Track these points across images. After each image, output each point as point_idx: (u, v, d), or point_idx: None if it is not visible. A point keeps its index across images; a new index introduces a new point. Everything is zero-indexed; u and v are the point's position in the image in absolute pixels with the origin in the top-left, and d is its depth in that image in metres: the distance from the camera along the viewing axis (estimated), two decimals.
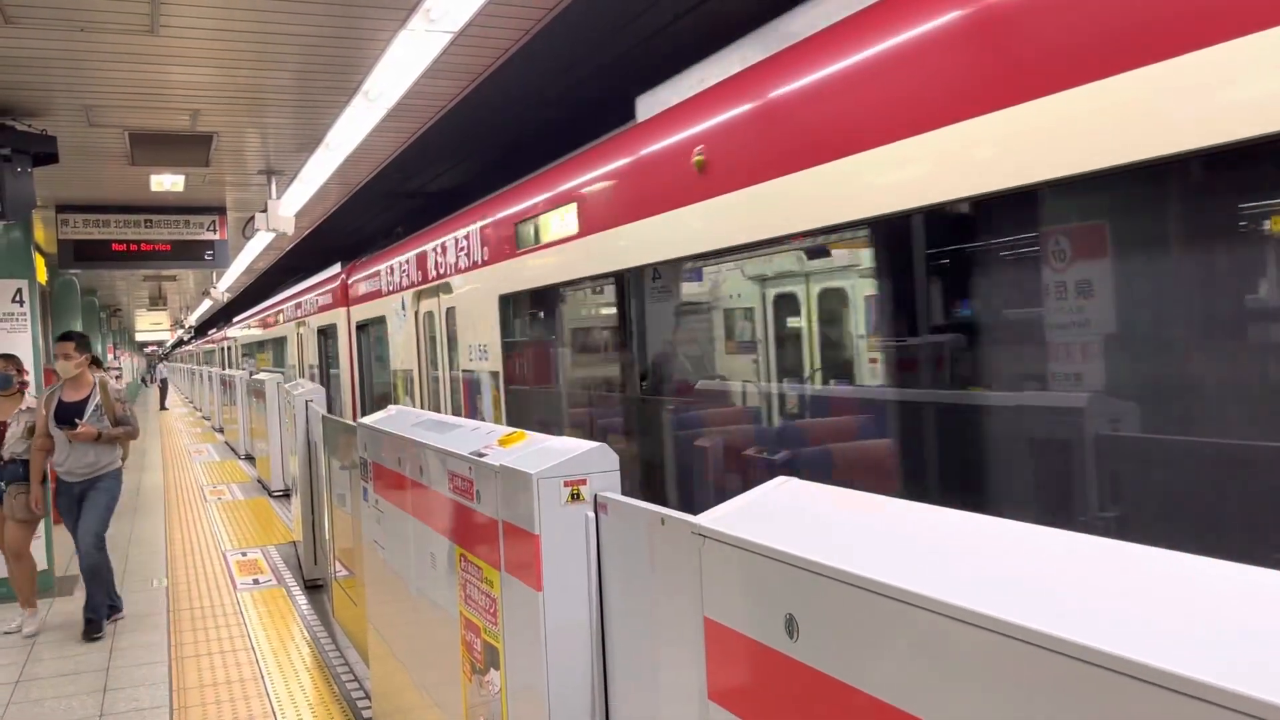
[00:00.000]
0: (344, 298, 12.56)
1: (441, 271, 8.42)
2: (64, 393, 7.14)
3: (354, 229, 15.04)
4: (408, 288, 9.50)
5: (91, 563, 6.88)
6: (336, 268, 13.34)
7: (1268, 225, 2.21)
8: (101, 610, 6.93)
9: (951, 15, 2.91)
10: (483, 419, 6.93)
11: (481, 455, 2.98)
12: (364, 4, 4.98)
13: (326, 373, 13.98)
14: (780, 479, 2.04)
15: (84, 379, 7.22)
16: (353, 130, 7.41)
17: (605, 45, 7.40)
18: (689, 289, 5.11)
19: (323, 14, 5.10)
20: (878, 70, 3.22)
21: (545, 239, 6.19)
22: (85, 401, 7.09)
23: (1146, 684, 1.00)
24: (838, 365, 4.25)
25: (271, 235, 10.85)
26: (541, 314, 6.77)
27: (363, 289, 11.61)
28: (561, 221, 5.94)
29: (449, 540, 3.35)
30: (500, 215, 7.07)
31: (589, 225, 5.54)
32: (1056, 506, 2.73)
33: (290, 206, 10.08)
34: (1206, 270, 2.38)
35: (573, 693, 2.52)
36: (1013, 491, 2.84)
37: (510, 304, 6.97)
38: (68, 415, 6.95)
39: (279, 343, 18.70)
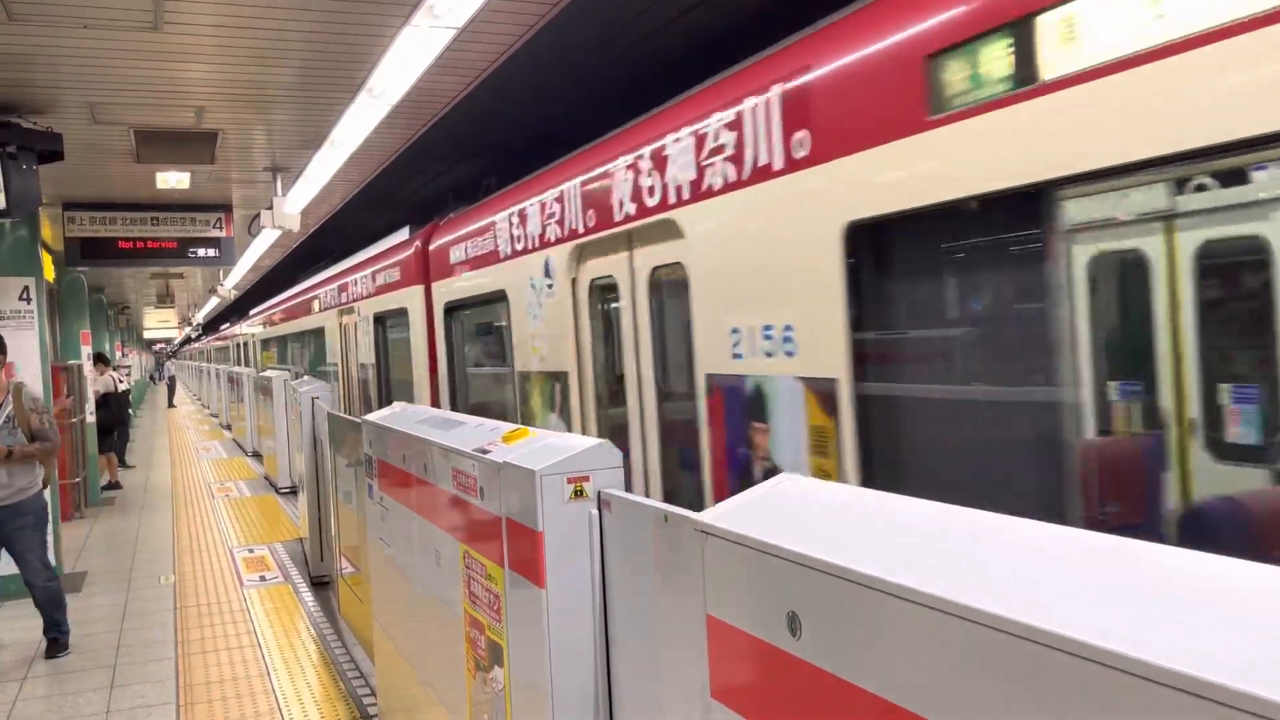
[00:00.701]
0: (421, 270, 8.68)
1: (649, 202, 4.53)
2: None
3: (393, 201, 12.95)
4: (560, 241, 5.68)
5: (48, 594, 6.40)
6: (403, 233, 10.31)
7: None
8: (65, 626, 6.50)
9: None
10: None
11: (485, 452, 2.98)
12: (368, 0, 4.97)
13: (385, 377, 10.42)
14: (783, 475, 2.03)
15: None
16: (357, 127, 7.40)
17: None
18: None
19: (327, 10, 5.09)
20: None
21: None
22: None
23: (1150, 682, 0.98)
24: None
25: (277, 233, 10.87)
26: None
27: (458, 255, 7.73)
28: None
29: (453, 537, 3.35)
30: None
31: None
32: None
33: (296, 204, 10.08)
34: None
35: (576, 690, 2.51)
36: None
37: (879, 241, 3.30)
38: None
39: (312, 337, 15.06)
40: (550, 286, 5.92)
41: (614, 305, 5.31)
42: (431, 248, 8.54)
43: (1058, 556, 1.33)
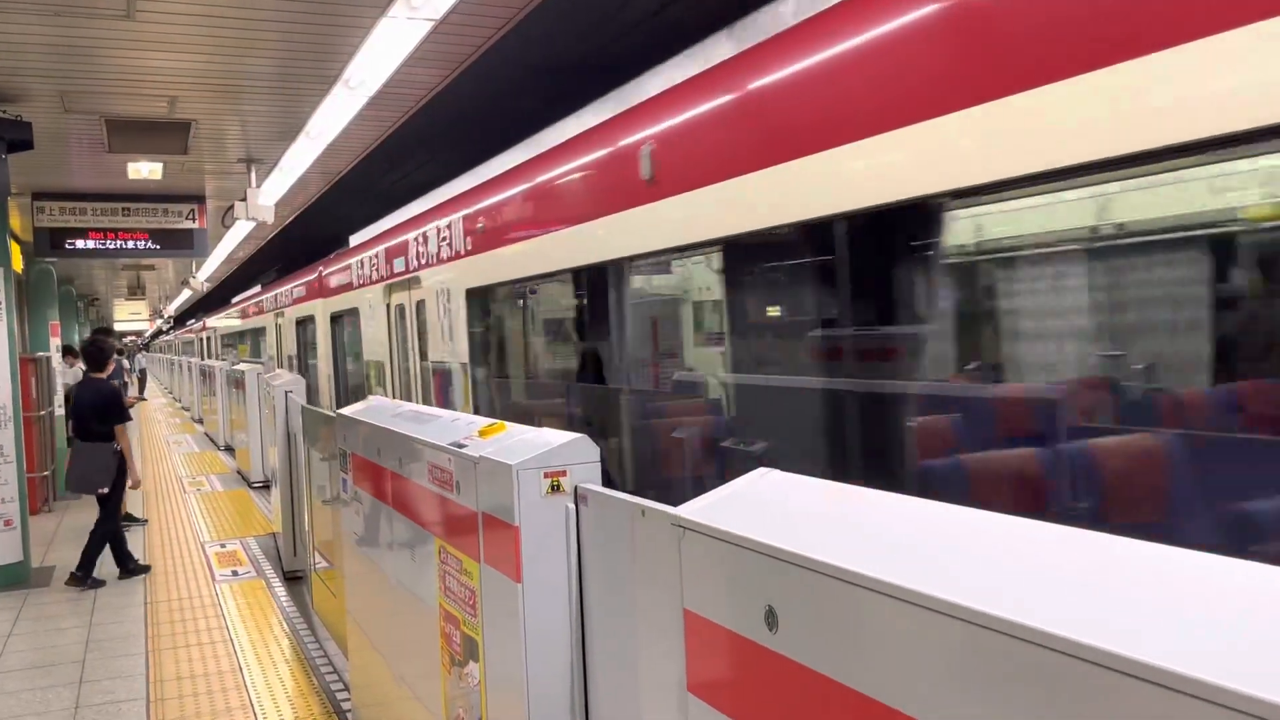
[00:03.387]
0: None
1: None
2: None
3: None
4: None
5: None
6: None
7: None
8: None
9: None
10: None
11: (461, 446, 2.96)
12: None
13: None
14: (761, 470, 2.04)
15: None
16: (334, 119, 7.35)
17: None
18: None
19: (303, 0, 5.05)
20: None
21: None
22: None
23: (1131, 678, 0.99)
24: None
25: (251, 224, 10.77)
26: None
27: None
28: None
29: (428, 532, 3.33)
30: None
31: None
32: None
33: (270, 195, 10.00)
34: None
35: (552, 684, 2.51)
36: None
37: None
38: None
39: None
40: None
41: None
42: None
43: (1034, 551, 1.34)
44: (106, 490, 8.01)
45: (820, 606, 1.49)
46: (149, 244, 11.16)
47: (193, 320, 40.25)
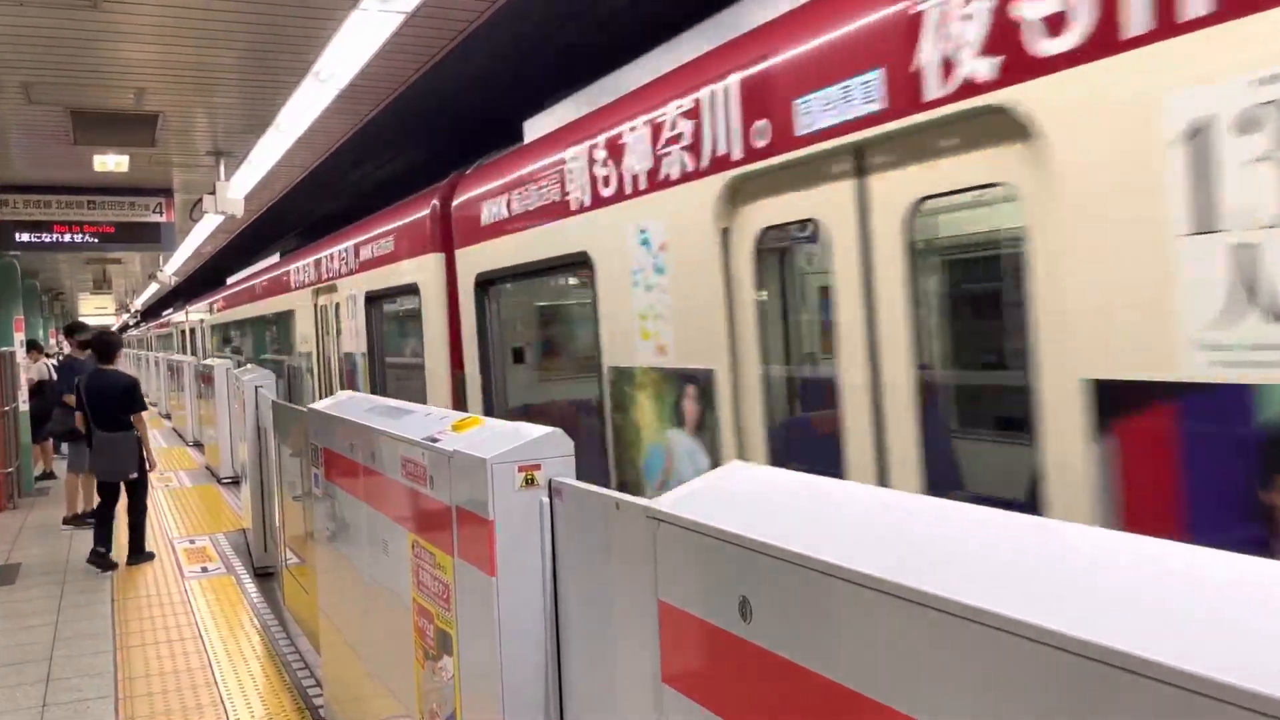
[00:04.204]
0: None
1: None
2: None
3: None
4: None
5: None
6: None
7: None
8: None
9: None
10: None
11: (435, 441, 2.96)
12: None
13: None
14: (734, 463, 2.05)
15: None
16: (304, 111, 7.29)
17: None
18: None
19: None
20: None
21: None
22: None
23: (1104, 665, 1.01)
24: None
25: (220, 218, 10.66)
26: None
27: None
28: None
29: (401, 526, 3.33)
30: None
31: None
32: None
33: (239, 189, 9.90)
34: None
35: (527, 677, 2.51)
36: None
37: None
38: None
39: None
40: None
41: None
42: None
43: (1007, 541, 1.36)
44: (135, 475, 8.57)
45: (794, 596, 1.51)
46: (115, 238, 11.02)
47: (170, 310, 38.73)
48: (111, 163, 9.26)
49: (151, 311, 43.93)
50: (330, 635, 4.64)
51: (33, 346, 14.52)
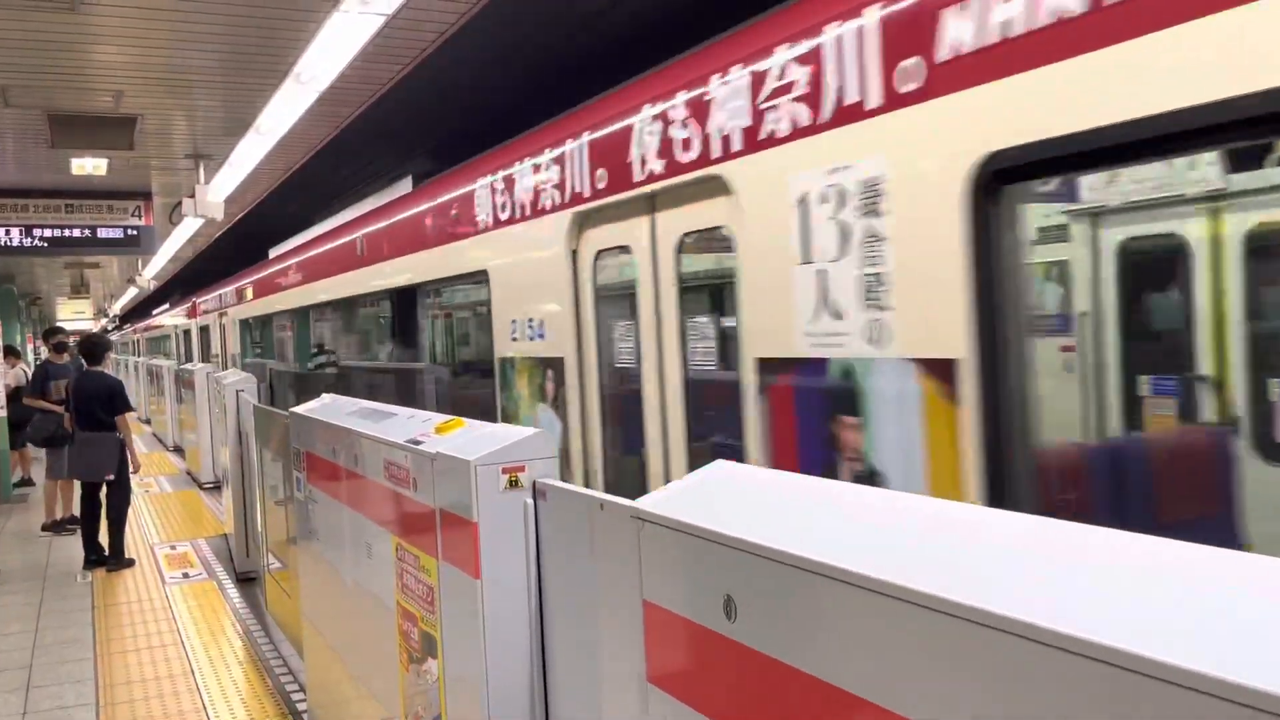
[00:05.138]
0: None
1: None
2: None
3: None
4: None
5: None
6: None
7: None
8: None
9: None
10: None
11: (418, 443, 2.95)
12: None
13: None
14: (718, 463, 2.06)
15: None
16: (284, 114, 7.25)
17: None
18: None
19: None
20: None
21: None
22: None
23: (1083, 658, 1.02)
24: None
25: (200, 221, 10.59)
26: None
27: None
28: None
29: (385, 530, 3.32)
30: None
31: None
32: None
33: (219, 192, 9.84)
34: None
35: (512, 680, 2.51)
36: None
37: None
38: None
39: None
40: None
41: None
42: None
43: (990, 538, 1.37)
44: (113, 476, 8.57)
45: (778, 595, 1.51)
46: (93, 241, 10.94)
47: (164, 307, 36.81)
48: (90, 166, 9.18)
49: (135, 313, 43.44)
50: (314, 640, 4.62)
51: (9, 352, 14.38)
